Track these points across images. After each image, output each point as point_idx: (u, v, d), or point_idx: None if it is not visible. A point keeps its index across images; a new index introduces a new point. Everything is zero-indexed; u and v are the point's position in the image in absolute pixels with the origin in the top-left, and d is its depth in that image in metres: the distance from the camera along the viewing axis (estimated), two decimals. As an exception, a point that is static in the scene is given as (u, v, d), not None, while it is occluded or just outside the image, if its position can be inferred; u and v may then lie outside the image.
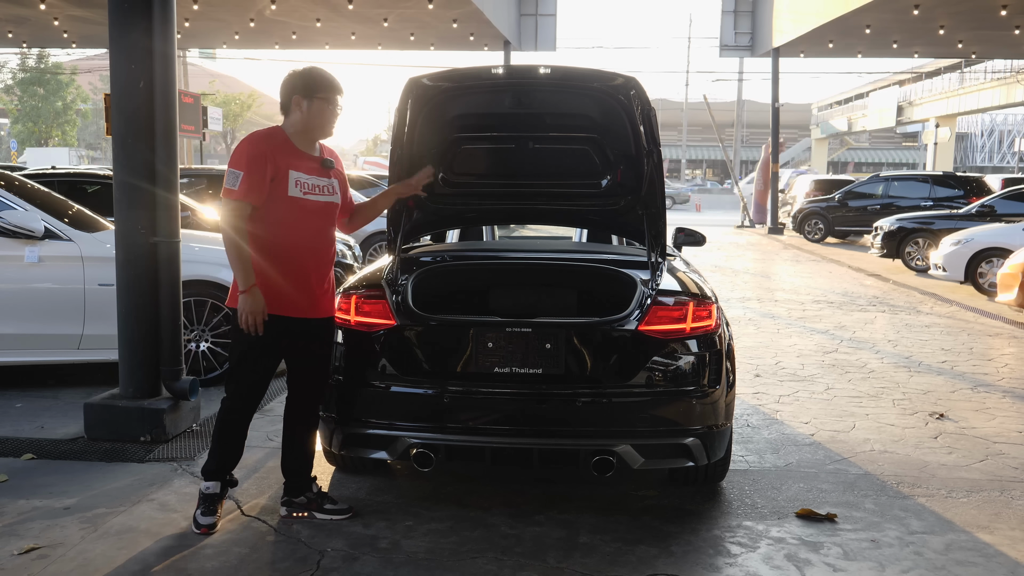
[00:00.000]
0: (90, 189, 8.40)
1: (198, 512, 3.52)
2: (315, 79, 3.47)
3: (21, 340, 5.51)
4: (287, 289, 3.46)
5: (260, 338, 3.42)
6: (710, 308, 3.71)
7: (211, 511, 3.52)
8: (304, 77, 3.48)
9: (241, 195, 3.35)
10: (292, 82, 3.49)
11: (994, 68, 39.84)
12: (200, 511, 3.51)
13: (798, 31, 20.85)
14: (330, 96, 3.47)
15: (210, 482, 3.55)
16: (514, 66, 4.12)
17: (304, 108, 3.46)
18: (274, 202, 3.40)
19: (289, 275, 3.46)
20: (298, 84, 3.47)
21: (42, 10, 19.15)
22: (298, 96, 3.46)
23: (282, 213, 3.42)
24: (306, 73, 3.50)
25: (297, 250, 3.47)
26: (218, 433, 3.57)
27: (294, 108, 3.48)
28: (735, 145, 53.39)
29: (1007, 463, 4.57)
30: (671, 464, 3.63)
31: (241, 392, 3.53)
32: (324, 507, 3.66)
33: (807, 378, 6.47)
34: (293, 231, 3.45)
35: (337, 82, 3.51)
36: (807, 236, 20.25)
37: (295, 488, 3.69)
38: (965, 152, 66.11)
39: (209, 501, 3.53)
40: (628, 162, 4.16)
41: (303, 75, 3.49)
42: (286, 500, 3.69)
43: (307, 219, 3.48)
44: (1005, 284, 9.09)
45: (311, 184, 3.49)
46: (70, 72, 47.95)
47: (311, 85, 3.46)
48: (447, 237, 5.48)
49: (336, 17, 20.30)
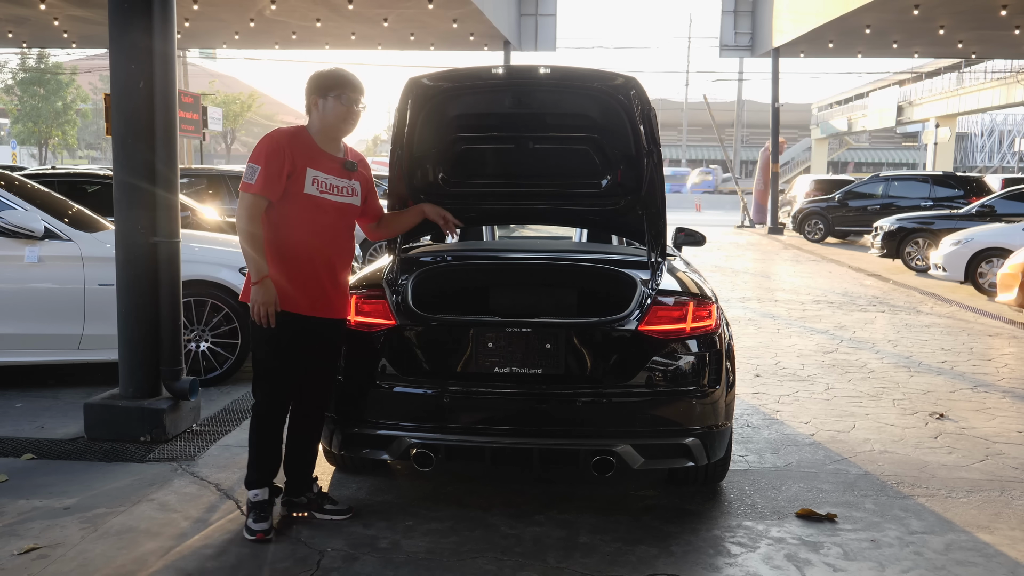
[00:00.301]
0: (90, 189, 8.40)
1: (249, 520, 3.46)
2: (329, 77, 3.48)
3: (21, 340, 5.51)
4: (298, 286, 3.44)
5: (278, 337, 3.41)
6: (710, 308, 3.71)
7: (263, 517, 3.46)
8: (320, 76, 3.50)
9: (258, 189, 3.36)
10: (310, 82, 3.51)
11: (994, 68, 39.82)
12: (252, 518, 3.45)
13: (798, 31, 20.85)
14: (344, 94, 3.45)
15: (256, 490, 3.50)
16: (514, 66, 4.11)
17: (320, 107, 3.47)
18: (290, 199, 3.41)
19: (301, 272, 3.45)
20: (314, 84, 3.49)
21: (42, 10, 19.15)
22: (314, 96, 3.48)
23: (297, 210, 3.41)
24: (323, 73, 3.51)
25: (310, 248, 3.45)
26: (254, 441, 3.52)
27: (312, 108, 3.51)
28: (735, 145, 53.39)
29: (1007, 463, 4.57)
30: (671, 464, 3.63)
31: (271, 395, 3.50)
32: (324, 507, 3.66)
33: (807, 378, 6.47)
34: (306, 228, 3.43)
35: (352, 80, 3.49)
36: (807, 236, 20.25)
37: (295, 488, 3.68)
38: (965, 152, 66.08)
39: (260, 508, 3.48)
40: (628, 162, 4.16)
41: (320, 75, 3.51)
42: (286, 500, 3.68)
43: (321, 218, 3.46)
44: (1005, 284, 9.09)
45: (329, 184, 3.48)
46: (70, 72, 47.95)
47: (324, 84, 3.47)
48: (447, 237, 5.47)
49: (336, 17, 20.30)
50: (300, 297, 3.45)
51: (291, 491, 3.68)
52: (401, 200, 4.26)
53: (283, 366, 3.48)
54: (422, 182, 4.30)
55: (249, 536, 3.42)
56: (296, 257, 3.44)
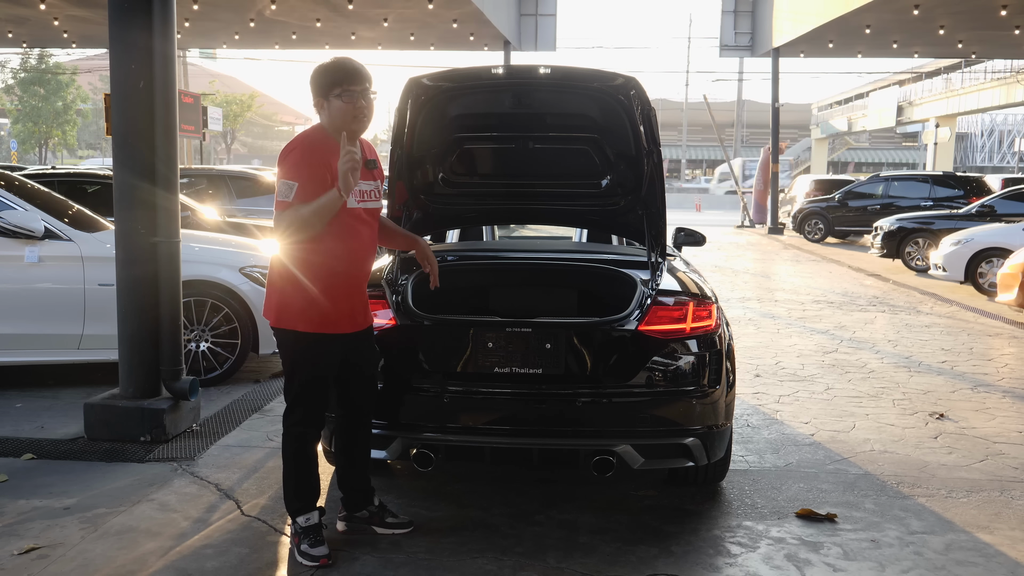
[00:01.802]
0: (90, 189, 8.41)
1: (304, 545, 3.26)
2: (328, 74, 3.15)
3: (21, 340, 5.51)
4: (341, 305, 3.24)
5: (315, 361, 3.24)
6: (710, 308, 3.71)
7: (320, 540, 3.28)
8: (320, 74, 3.16)
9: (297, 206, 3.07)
10: (312, 81, 3.19)
11: (994, 68, 39.82)
12: (308, 543, 3.26)
13: (798, 31, 20.85)
14: (347, 90, 3.13)
15: (304, 516, 3.30)
16: (514, 66, 4.11)
17: (327, 109, 3.16)
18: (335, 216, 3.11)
19: (345, 289, 3.24)
20: (315, 84, 3.18)
21: (42, 10, 19.15)
22: (319, 97, 3.17)
23: (339, 224, 3.14)
24: (323, 68, 3.17)
25: (350, 262, 3.24)
26: (293, 468, 3.32)
27: (319, 109, 3.20)
28: (735, 145, 53.41)
29: (1007, 463, 4.57)
30: (671, 464, 3.63)
31: (312, 417, 3.31)
32: (386, 520, 3.53)
33: (807, 378, 6.47)
34: (349, 243, 3.21)
35: (353, 71, 3.14)
36: (807, 236, 20.25)
37: (354, 503, 3.54)
38: (965, 152, 66.06)
39: (314, 532, 3.29)
40: (628, 162, 4.16)
41: (320, 71, 3.17)
42: (345, 515, 3.54)
43: (361, 229, 3.26)
44: (1005, 284, 9.09)
45: (360, 190, 3.22)
46: (70, 72, 47.94)
47: (325, 83, 3.15)
48: (447, 237, 5.48)
49: (336, 17, 20.30)
50: (343, 318, 3.25)
51: (350, 507, 3.54)
52: (401, 200, 4.26)
53: (326, 388, 3.32)
54: (422, 182, 4.30)
55: (309, 563, 3.22)
56: (337, 274, 3.20)
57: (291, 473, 3.34)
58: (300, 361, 3.26)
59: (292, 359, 3.28)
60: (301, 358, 3.25)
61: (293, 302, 3.19)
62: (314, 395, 3.30)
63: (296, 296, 3.18)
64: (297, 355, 3.26)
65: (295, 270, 3.17)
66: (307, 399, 3.29)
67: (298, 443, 3.32)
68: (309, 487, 3.35)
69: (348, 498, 3.55)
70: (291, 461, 3.33)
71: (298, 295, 3.18)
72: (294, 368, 3.29)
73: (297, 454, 3.32)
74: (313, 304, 3.17)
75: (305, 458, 3.33)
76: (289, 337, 3.24)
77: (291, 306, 3.20)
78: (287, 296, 3.21)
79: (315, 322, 3.19)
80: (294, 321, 3.20)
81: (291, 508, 3.34)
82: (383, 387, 3.61)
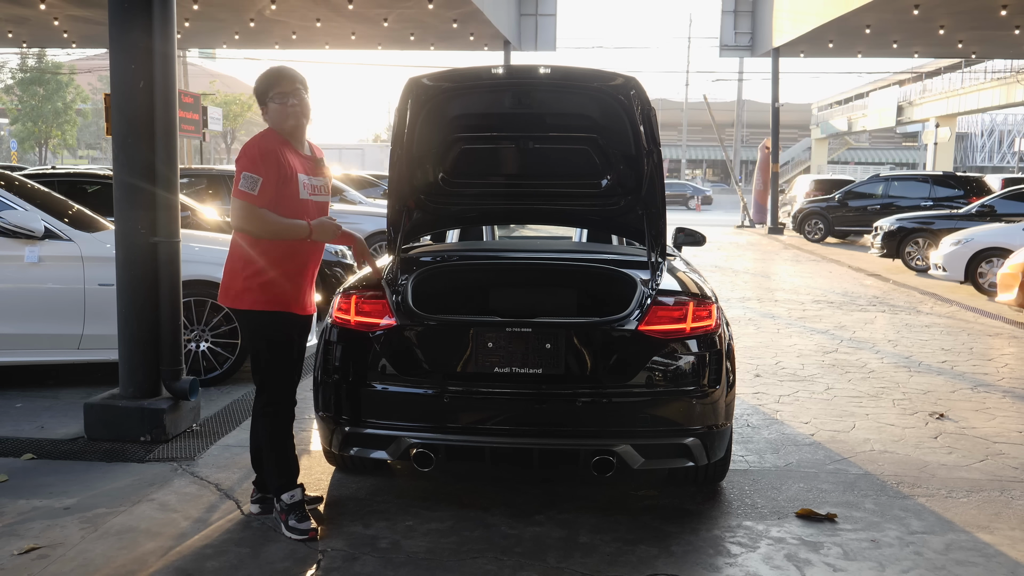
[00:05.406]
0: (90, 189, 8.40)
1: (291, 521, 3.45)
2: (261, 82, 3.49)
3: (21, 340, 5.51)
4: (297, 287, 3.51)
5: (277, 338, 3.49)
6: (710, 308, 3.71)
7: (306, 516, 3.48)
8: (257, 85, 3.51)
9: (262, 202, 3.34)
10: (254, 93, 3.55)
11: (994, 68, 39.81)
12: (294, 519, 3.46)
13: (798, 31, 20.85)
14: (277, 93, 3.44)
15: (288, 492, 3.50)
16: (514, 66, 4.11)
17: (268, 113, 3.47)
18: (286, 204, 3.41)
19: (295, 275, 3.50)
20: (255, 94, 3.51)
21: (42, 10, 19.15)
22: (260, 106, 3.51)
23: (291, 214, 3.43)
24: (258, 80, 3.51)
25: (305, 251, 3.52)
26: (273, 446, 3.54)
27: (264, 116, 3.52)
28: (735, 145, 53.41)
29: (1007, 463, 4.57)
30: (671, 464, 3.63)
31: (285, 395, 3.54)
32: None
33: (807, 378, 6.47)
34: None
35: (280, 75, 3.46)
36: (807, 236, 20.26)
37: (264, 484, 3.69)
38: (965, 152, 66.08)
39: (299, 508, 3.49)
40: (628, 162, 4.16)
41: (257, 83, 3.51)
42: (259, 497, 3.69)
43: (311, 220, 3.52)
44: (1005, 284, 9.09)
45: (312, 185, 3.54)
46: (70, 72, 47.94)
47: (260, 91, 3.48)
48: (447, 237, 5.48)
49: (336, 17, 20.30)
50: (301, 297, 3.54)
51: (264, 487, 3.69)
52: (402, 200, 4.26)
53: (291, 365, 3.56)
54: (422, 182, 4.30)
55: (298, 537, 3.41)
56: (292, 261, 3.47)
57: (269, 454, 3.55)
58: (264, 339, 3.49)
59: (256, 338, 3.52)
60: (264, 335, 3.48)
61: (252, 284, 3.43)
62: (280, 372, 3.51)
63: (255, 278, 3.43)
64: (260, 333, 3.49)
65: (254, 254, 3.43)
66: (274, 377, 3.51)
67: (272, 423, 3.53)
68: (287, 463, 3.55)
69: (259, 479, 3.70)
70: (268, 442, 3.55)
71: (256, 277, 3.42)
72: (258, 347, 3.53)
73: (273, 434, 3.53)
74: (271, 284, 3.43)
75: (281, 436, 3.54)
76: (252, 317, 3.48)
77: (251, 288, 3.43)
78: (248, 279, 3.44)
79: (273, 301, 3.44)
80: (255, 301, 3.44)
81: (274, 487, 3.54)
82: (383, 387, 3.62)
